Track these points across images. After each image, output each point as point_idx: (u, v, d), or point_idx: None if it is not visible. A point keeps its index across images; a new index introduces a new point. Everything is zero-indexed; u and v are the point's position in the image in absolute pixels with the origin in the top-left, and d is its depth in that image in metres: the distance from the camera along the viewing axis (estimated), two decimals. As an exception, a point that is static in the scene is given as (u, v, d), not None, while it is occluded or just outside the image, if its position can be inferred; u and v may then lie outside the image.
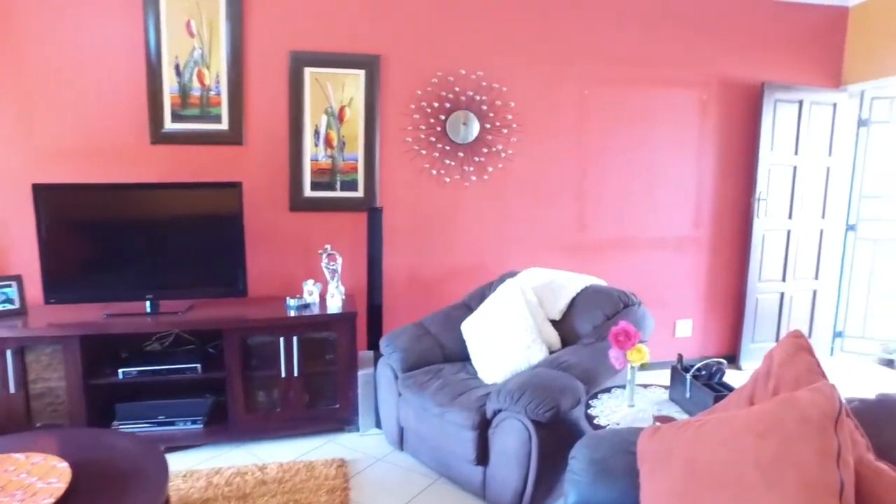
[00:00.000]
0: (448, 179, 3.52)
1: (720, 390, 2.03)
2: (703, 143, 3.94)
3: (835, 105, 4.05)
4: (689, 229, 3.99)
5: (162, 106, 3.14)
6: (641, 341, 2.22)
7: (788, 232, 4.07)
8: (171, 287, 2.95)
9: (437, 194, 3.53)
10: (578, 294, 2.79)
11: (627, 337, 2.14)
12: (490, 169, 3.58)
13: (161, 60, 3.10)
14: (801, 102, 3.95)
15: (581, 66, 3.66)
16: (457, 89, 3.44)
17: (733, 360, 4.16)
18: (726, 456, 1.25)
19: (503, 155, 3.58)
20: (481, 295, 3.05)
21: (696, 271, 4.06)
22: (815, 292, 4.24)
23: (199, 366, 2.83)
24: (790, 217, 4.05)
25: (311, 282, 3.15)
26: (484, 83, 3.48)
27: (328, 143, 3.37)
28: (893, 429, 1.45)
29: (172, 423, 2.85)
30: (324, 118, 3.34)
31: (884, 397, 1.53)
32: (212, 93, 3.20)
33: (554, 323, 2.78)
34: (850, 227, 4.32)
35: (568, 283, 2.84)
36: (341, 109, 3.36)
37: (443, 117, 3.45)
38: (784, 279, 4.12)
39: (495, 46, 3.50)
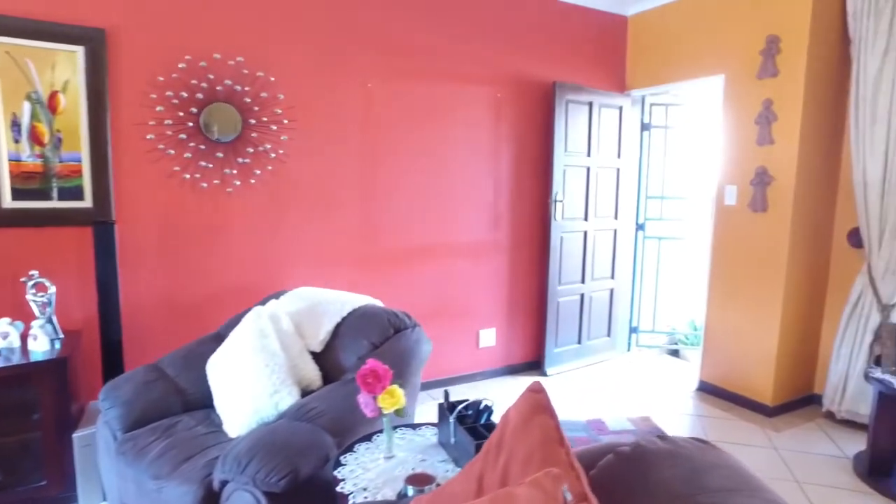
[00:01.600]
0: (205, 185, 2.95)
1: (485, 434, 1.76)
2: (499, 142, 3.79)
3: (621, 109, 4.14)
4: (487, 233, 3.82)
5: None
6: (397, 382, 1.89)
7: (585, 233, 4.08)
8: None
9: (193, 202, 2.94)
10: (343, 319, 2.40)
11: (377, 378, 1.78)
12: (258, 172, 3.06)
13: None
14: (591, 104, 3.97)
15: (365, 57, 3.29)
16: (211, 77, 2.88)
17: (538, 366, 4.09)
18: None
19: (273, 156, 3.09)
20: (237, 324, 2.55)
21: (498, 277, 3.91)
22: (612, 291, 4.33)
23: None
24: (586, 218, 4.07)
25: (5, 321, 2.41)
26: (245, 71, 2.96)
27: (36, 138, 2.63)
28: (643, 491, 1.21)
29: None
30: (26, 106, 2.59)
31: (638, 449, 1.28)
32: None
33: (316, 356, 2.36)
34: (640, 227, 4.48)
35: (333, 307, 2.44)
36: (53, 96, 2.63)
37: (195, 110, 2.87)
38: (583, 280, 4.14)
39: (259, 28, 2.99)
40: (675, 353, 4.60)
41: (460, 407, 1.84)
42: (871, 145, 3.08)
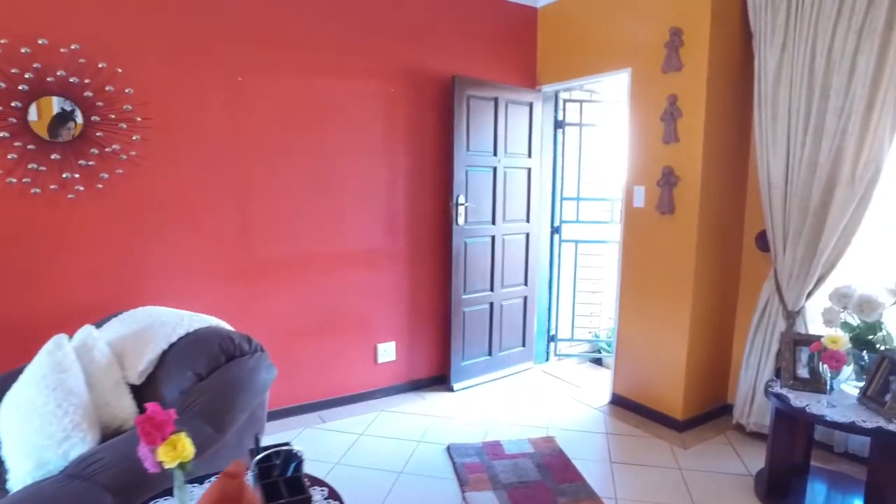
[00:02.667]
0: (38, 190, 2.57)
1: (282, 494, 1.45)
2: (395, 143, 3.51)
3: (531, 105, 3.91)
4: (383, 241, 3.54)
5: None
6: (224, 418, 1.59)
7: (493, 238, 3.84)
8: None
9: (24, 211, 2.55)
10: (171, 346, 2.07)
11: (155, 427, 1.47)
12: (105, 175, 2.70)
13: None
14: (496, 100, 3.72)
15: (235, 48, 2.96)
16: (37, 66, 2.50)
17: (445, 380, 3.83)
18: None
19: (124, 157, 2.73)
20: (55, 353, 2.19)
21: (397, 287, 3.62)
22: (525, 299, 4.10)
23: None
24: (493, 222, 3.82)
25: None
26: (83, 60, 2.59)
27: None
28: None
29: None
30: None
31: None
32: None
33: (137, 389, 2.04)
34: (556, 230, 4.26)
35: (163, 330, 2.11)
36: None
37: (18, 104, 2.49)
38: (492, 288, 3.89)
39: (99, 11, 2.63)
40: (598, 361, 4.41)
41: (262, 454, 1.54)
42: (773, 144, 2.92)
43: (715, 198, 3.14)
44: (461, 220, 3.61)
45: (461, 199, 3.59)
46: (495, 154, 3.76)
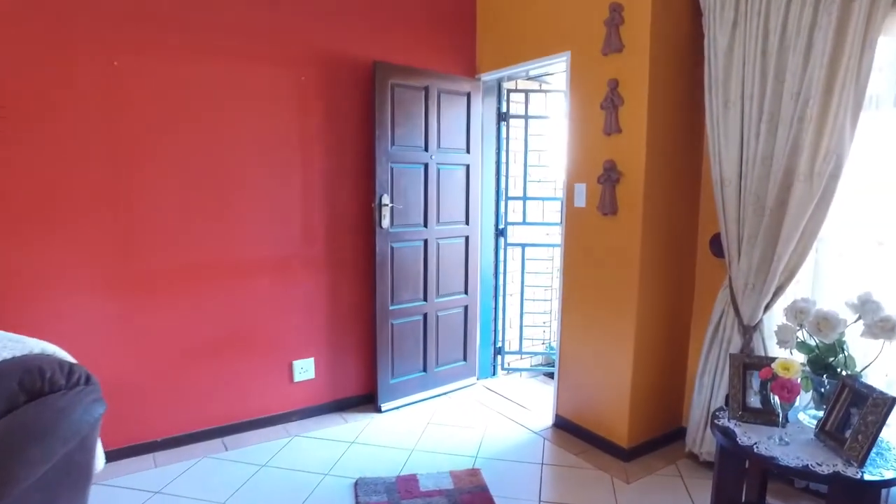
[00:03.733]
0: None
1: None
2: (308, 136, 3.11)
3: (468, 95, 3.53)
4: (297, 247, 3.14)
5: None
6: (29, 471, 1.19)
7: (425, 242, 3.45)
8: None
9: None
10: (-38, 382, 1.68)
11: None
12: (-62, 171, 2.31)
13: None
14: (427, 89, 3.34)
15: (110, 26, 2.56)
16: None
17: (372, 399, 3.44)
18: None
19: (-38, 149, 2.34)
20: None
21: (314, 298, 3.23)
22: (466, 308, 3.72)
23: None
24: (425, 225, 3.44)
25: None
26: None
27: None
28: None
29: None
30: None
31: None
32: None
33: (-88, 437, 1.64)
34: (501, 233, 3.89)
35: (-42, 363, 1.71)
36: None
37: None
38: (426, 298, 3.51)
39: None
40: (552, 375, 4.03)
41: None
42: (726, 135, 2.55)
43: (662, 196, 2.78)
44: (385, 223, 3.22)
45: (385, 200, 3.20)
46: (426, 149, 3.38)
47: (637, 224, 2.73)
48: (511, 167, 3.87)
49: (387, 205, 3.21)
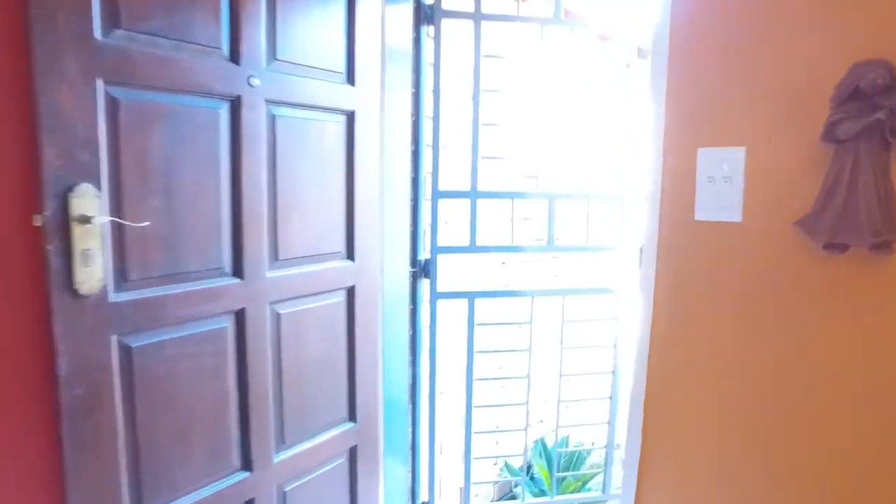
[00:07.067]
0: None
1: None
2: None
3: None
4: None
5: None
6: None
7: (238, 316, 1.26)
8: None
9: None
10: None
11: None
12: None
13: None
14: None
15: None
16: None
17: None
18: None
19: None
20: None
21: None
22: (351, 454, 1.58)
23: None
24: (237, 270, 1.24)
25: None
26: None
27: None
28: None
29: None
30: None
31: None
32: None
33: None
34: (423, 270, 1.80)
35: None
36: None
37: None
38: (248, 465, 1.31)
39: None
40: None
41: None
42: None
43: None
44: (95, 278, 0.99)
45: (88, 205, 0.97)
46: (236, 60, 1.20)
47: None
48: (446, 127, 1.75)
49: (94, 219, 0.98)
